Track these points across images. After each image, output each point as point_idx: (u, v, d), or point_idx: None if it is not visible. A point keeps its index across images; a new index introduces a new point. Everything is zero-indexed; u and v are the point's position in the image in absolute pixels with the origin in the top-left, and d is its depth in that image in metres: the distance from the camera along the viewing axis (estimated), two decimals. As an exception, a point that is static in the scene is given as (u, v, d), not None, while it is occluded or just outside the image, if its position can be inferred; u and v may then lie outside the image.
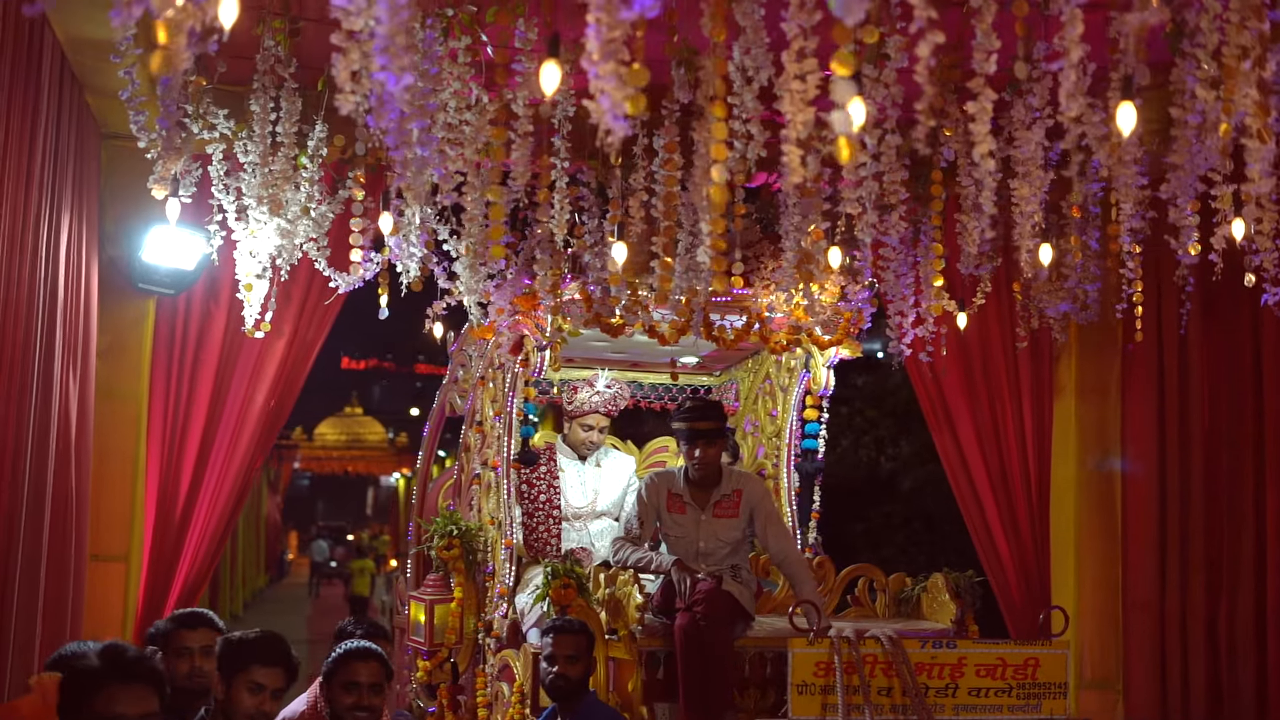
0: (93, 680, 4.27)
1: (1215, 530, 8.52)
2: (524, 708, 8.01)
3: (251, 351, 8.76)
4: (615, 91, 4.12)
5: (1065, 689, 6.87)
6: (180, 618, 6.48)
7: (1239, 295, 8.14)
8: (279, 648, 5.56)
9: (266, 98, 6.74)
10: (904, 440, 19.51)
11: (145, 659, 4.40)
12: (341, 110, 4.58)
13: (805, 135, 4.79)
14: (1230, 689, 8.30)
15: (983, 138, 4.86)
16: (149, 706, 4.31)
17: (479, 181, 6.29)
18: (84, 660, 4.39)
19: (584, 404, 9.24)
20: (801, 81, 4.79)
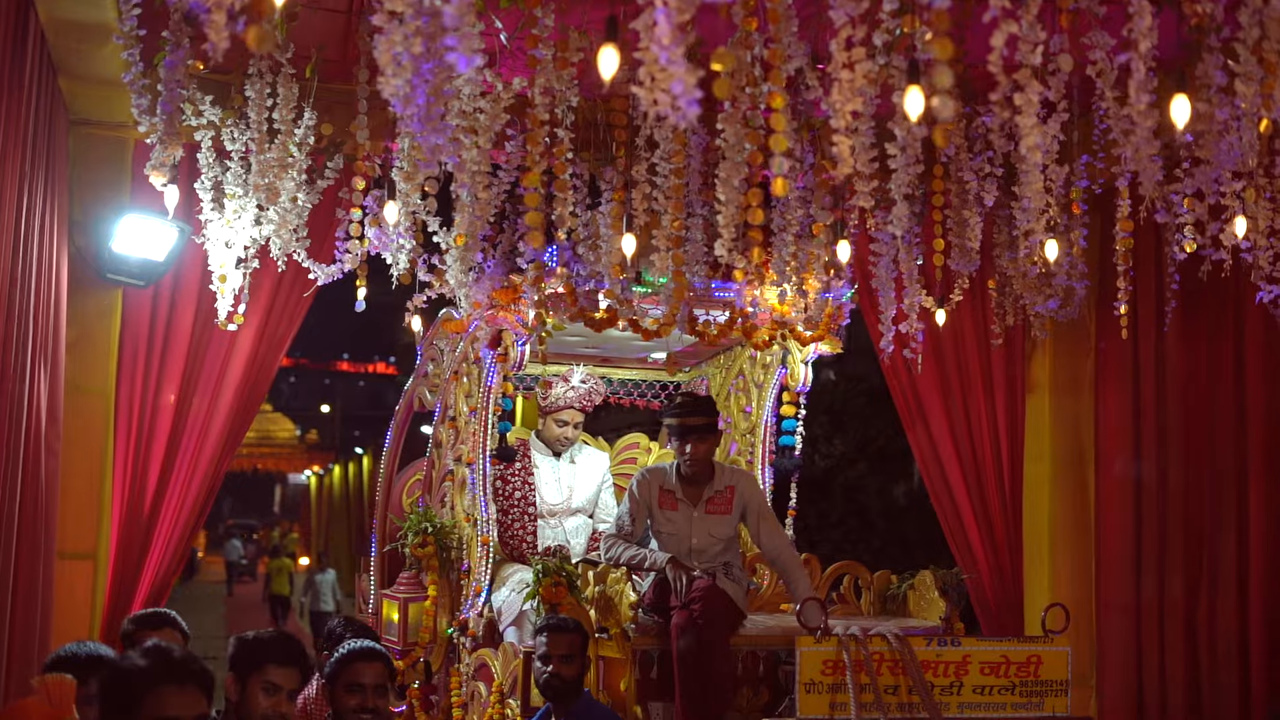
0: (143, 682, 4.11)
1: (1195, 527, 8.55)
2: (503, 707, 7.91)
3: (221, 345, 8.56)
4: (687, 76, 4.03)
5: (1067, 686, 6.85)
6: (143, 619, 6.30)
7: (1222, 292, 8.21)
8: (294, 647, 5.42)
9: (262, 83, 6.56)
10: (837, 438, 19.54)
11: (193, 659, 4.25)
12: (383, 93, 4.46)
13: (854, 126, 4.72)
14: (1211, 688, 8.32)
15: (1030, 130, 4.79)
16: (200, 709, 4.17)
17: (479, 171, 6.13)
18: (131, 662, 4.24)
19: (559, 399, 9.12)
20: (850, 70, 4.73)
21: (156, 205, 8.04)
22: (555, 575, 7.48)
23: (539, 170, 5.74)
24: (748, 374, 9.41)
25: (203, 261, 8.02)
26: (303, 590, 27.31)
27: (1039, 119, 6.20)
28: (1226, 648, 8.23)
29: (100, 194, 8.20)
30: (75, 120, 8.13)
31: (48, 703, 4.69)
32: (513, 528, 8.86)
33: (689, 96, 4.03)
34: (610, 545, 7.65)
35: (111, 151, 8.25)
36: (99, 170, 8.21)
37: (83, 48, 7.03)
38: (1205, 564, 8.48)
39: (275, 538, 43.36)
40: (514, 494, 8.92)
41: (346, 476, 37.12)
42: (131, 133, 8.11)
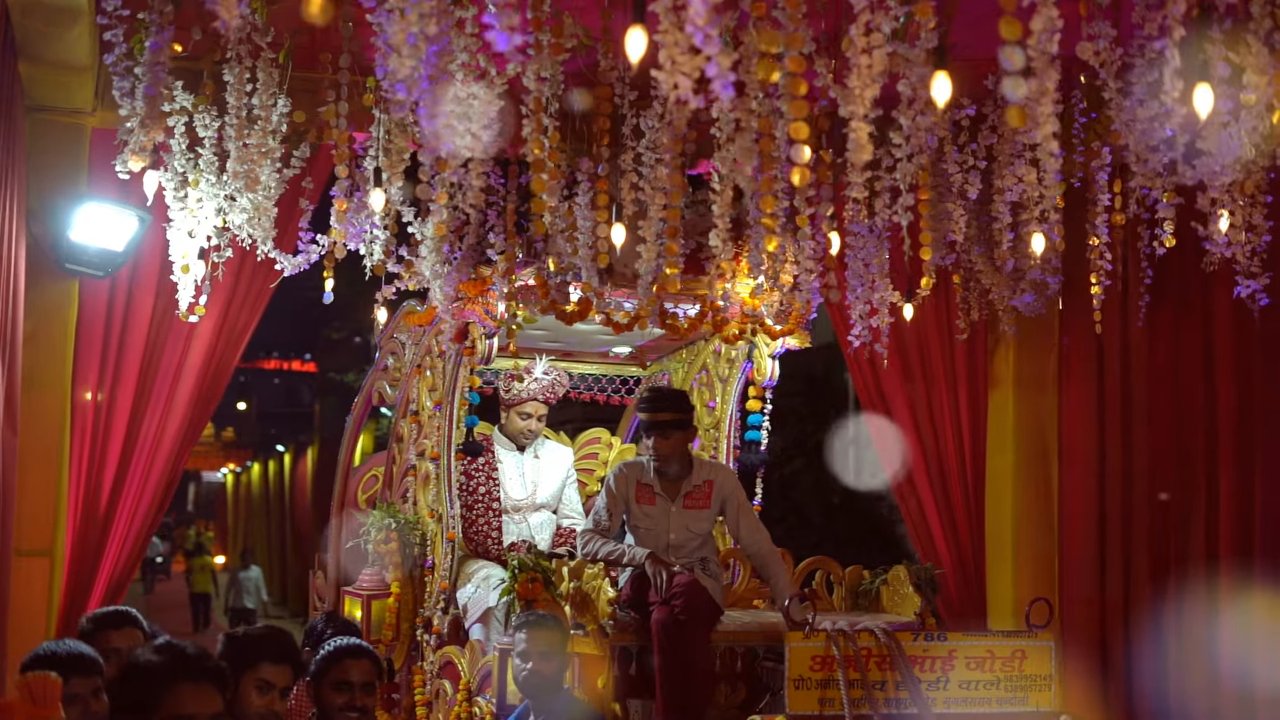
0: (160, 679, 3.98)
1: (1161, 524, 8.55)
2: (471, 705, 7.81)
3: (180, 338, 8.35)
4: (721, 58, 3.95)
5: (1050, 681, 6.82)
6: (104, 618, 6.09)
7: (1189, 288, 8.23)
8: (287, 644, 5.30)
9: (241, 68, 6.41)
10: (774, 435, 19.55)
11: (209, 656, 4.12)
12: (399, 74, 4.35)
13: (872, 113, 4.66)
14: (1178, 685, 8.33)
15: (1046, 119, 4.74)
16: (216, 706, 4.05)
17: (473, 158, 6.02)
18: (146, 659, 4.10)
19: (522, 392, 9.00)
20: (868, 56, 4.66)
21: (114, 193, 7.85)
22: (531, 571, 7.37)
23: (542, 151, 5.64)
24: (712, 369, 9.36)
25: (161, 252, 7.83)
26: (227, 588, 27.05)
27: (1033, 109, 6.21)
28: (1194, 644, 8.23)
29: (57, 182, 7.97)
30: (31, 106, 7.89)
31: (30, 701, 4.53)
32: (477, 523, 8.74)
33: (724, 79, 3.96)
34: (587, 541, 7.55)
35: (68, 138, 8.02)
36: (55, 157, 7.97)
37: (50, 30, 6.84)
38: (1173, 560, 8.48)
39: (191, 536, 42.87)
40: (478, 489, 8.80)
41: (267, 474, 36.74)
42: (89, 119, 7.94)
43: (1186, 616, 8.30)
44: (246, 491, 42.77)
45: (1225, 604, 8.07)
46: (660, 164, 6.49)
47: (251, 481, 41.23)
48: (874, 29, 4.60)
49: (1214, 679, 8.10)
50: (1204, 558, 8.25)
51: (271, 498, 34.79)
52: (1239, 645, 7.96)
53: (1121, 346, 8.81)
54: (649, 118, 6.63)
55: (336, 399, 31.06)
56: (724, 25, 3.95)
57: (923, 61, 5.54)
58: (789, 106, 4.49)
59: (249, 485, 42.22)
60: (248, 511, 41.30)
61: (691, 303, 8.19)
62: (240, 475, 46.80)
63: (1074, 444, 9.21)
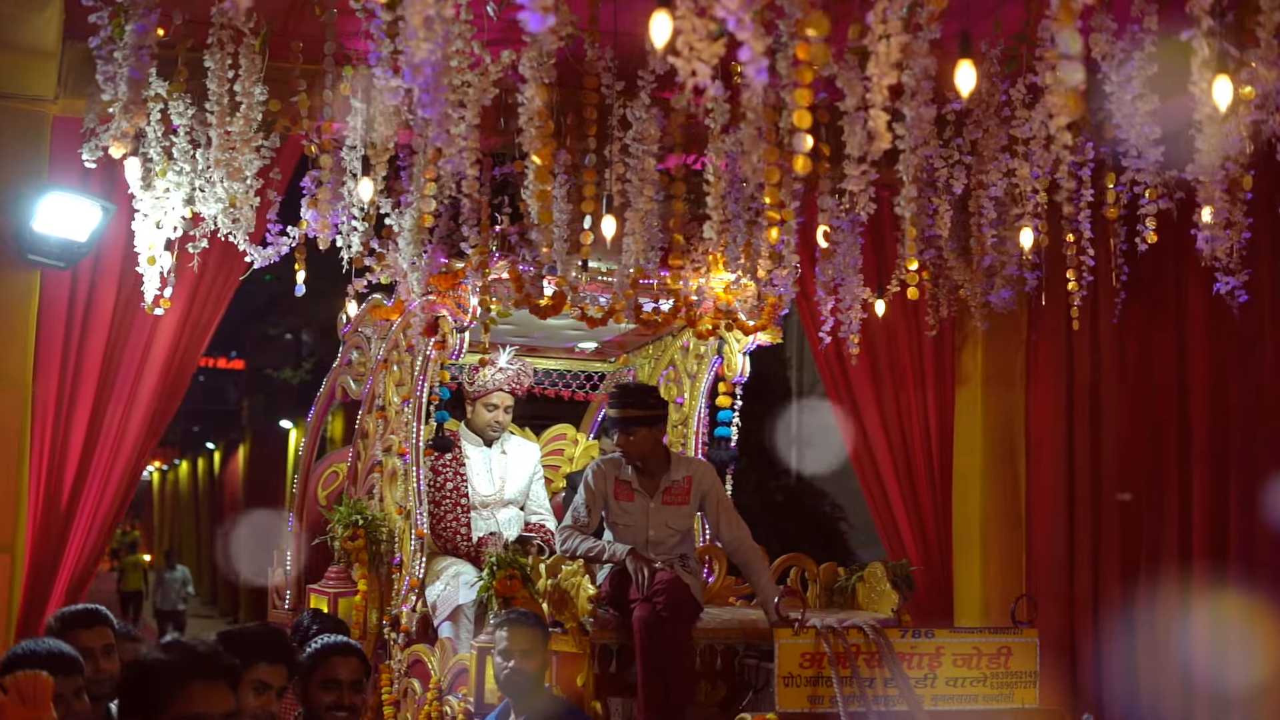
0: (172, 679, 3.85)
1: (1133, 520, 8.57)
2: (442, 704, 7.71)
3: (143, 330, 8.20)
4: (755, 44, 3.88)
5: (1035, 678, 6.81)
6: (73, 617, 5.84)
7: (1162, 285, 8.25)
8: (282, 643, 5.18)
9: (223, 54, 6.28)
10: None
11: (221, 653, 3.99)
12: (415, 58, 4.25)
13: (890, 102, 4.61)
14: (1148, 681, 8.34)
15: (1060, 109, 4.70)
16: (230, 705, 3.93)
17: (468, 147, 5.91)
18: (156, 657, 3.97)
19: (487, 383, 8.85)
20: (886, 42, 4.60)
21: (77, 183, 7.70)
22: (509, 568, 7.27)
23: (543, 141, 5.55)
24: (679, 365, 9.28)
25: (125, 243, 7.68)
26: (153, 589, 26.71)
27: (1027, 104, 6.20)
28: (1164, 641, 8.25)
29: (18, 171, 7.77)
30: (-10, 93, 7.73)
31: (21, 702, 4.40)
32: (445, 519, 8.60)
33: (756, 64, 3.89)
34: (566, 537, 7.45)
35: (30, 126, 7.82)
36: (16, 146, 7.78)
37: (19, 13, 6.69)
38: (1144, 556, 8.49)
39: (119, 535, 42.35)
40: (445, 485, 8.66)
41: (196, 472, 36.35)
42: (50, 107, 7.76)
43: (1157, 613, 8.32)
44: (174, 490, 42.31)
45: (1196, 601, 8.10)
46: (648, 155, 6.42)
47: (179, 479, 40.79)
48: (890, 17, 4.52)
49: (1184, 676, 8.12)
50: (1176, 555, 8.27)
51: (201, 496, 34.43)
52: (1209, 642, 7.99)
53: (1091, 344, 8.82)
54: (635, 108, 6.54)
55: (264, 396, 30.81)
56: (755, 9, 3.83)
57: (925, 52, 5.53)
58: (795, 95, 4.43)
59: (176, 483, 41.77)
60: (174, 510, 40.88)
61: (666, 297, 8.12)
62: (167, 473, 46.27)
63: (1042, 441, 9.23)
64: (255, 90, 6.58)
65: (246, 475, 30.17)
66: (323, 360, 26.23)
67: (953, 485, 9.48)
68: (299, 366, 27.28)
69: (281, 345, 30.34)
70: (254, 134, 6.67)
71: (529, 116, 5.70)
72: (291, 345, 30.03)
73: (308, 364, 26.89)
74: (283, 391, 29.00)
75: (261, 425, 29.99)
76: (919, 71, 5.49)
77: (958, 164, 7.02)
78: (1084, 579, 8.84)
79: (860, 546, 19.21)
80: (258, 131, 6.74)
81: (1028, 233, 7.12)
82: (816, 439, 20.89)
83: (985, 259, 7.78)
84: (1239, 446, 7.91)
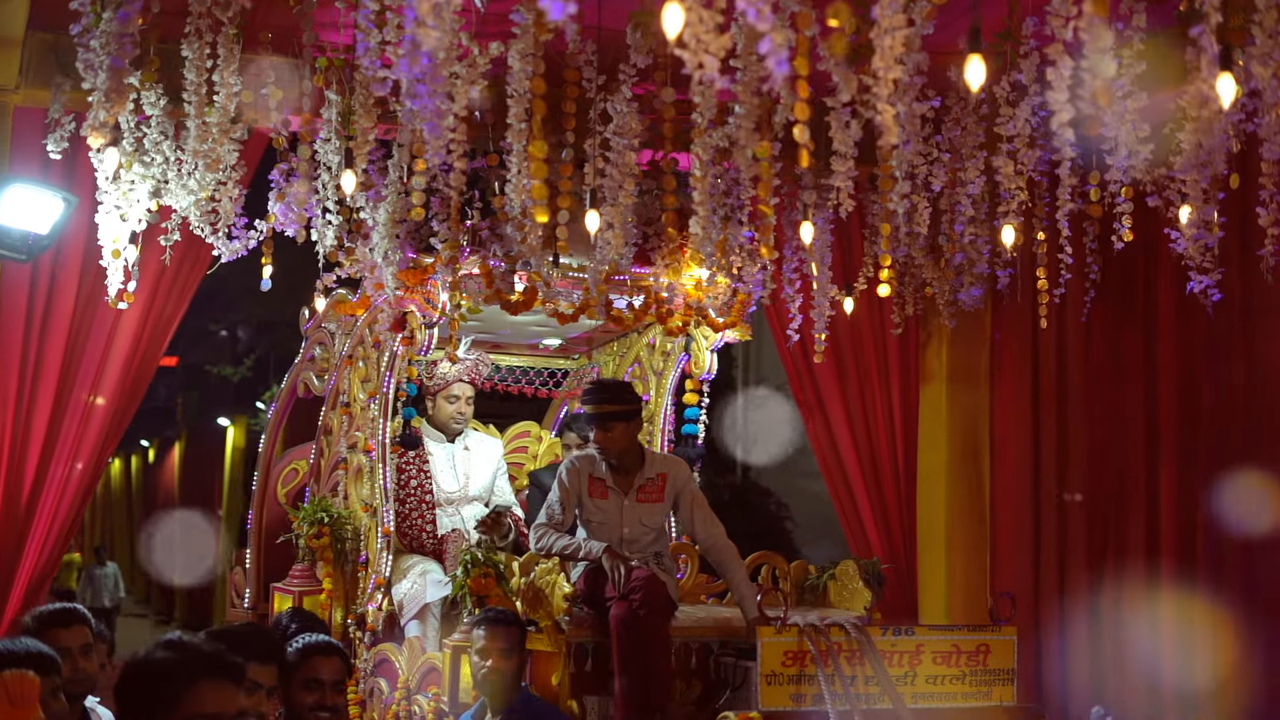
0: (179, 678, 3.76)
1: (1099, 518, 8.59)
2: (410, 704, 7.63)
3: (105, 325, 8.08)
4: (776, 35, 3.83)
5: (1013, 675, 6.82)
6: (51, 616, 5.70)
7: (1130, 283, 8.28)
8: (271, 642, 5.10)
9: (201, 44, 6.17)
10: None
11: (226, 652, 3.90)
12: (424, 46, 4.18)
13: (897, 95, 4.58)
14: (1114, 677, 8.37)
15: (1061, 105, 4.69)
16: (239, 704, 3.84)
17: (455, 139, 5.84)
18: (160, 656, 3.87)
19: (446, 375, 8.75)
20: (892, 36, 4.57)
21: (37, 174, 7.57)
22: (484, 566, 7.21)
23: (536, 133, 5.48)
24: (645, 362, 9.23)
25: (87, 235, 7.55)
26: (83, 585, 26.33)
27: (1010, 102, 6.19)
28: (1134, 637, 8.27)
29: (-24, 161, 7.66)
30: (-54, 82, 7.59)
31: (8, 702, 4.30)
32: (410, 517, 8.52)
33: (778, 56, 3.85)
34: (541, 535, 7.37)
35: (-12, 114, 7.72)
36: (-24, 136, 7.68)
37: (-12, 0, 6.55)
38: (1110, 555, 8.52)
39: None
40: (409, 482, 8.58)
41: (129, 469, 35.93)
42: (12, 97, 7.63)
43: (1123, 611, 8.35)
44: (105, 486, 41.79)
45: (1162, 599, 8.13)
46: (628, 150, 6.38)
47: (111, 477, 40.30)
48: (893, 11, 4.49)
49: (1150, 673, 8.15)
50: (1143, 553, 8.30)
51: (134, 493, 34.04)
52: (1175, 640, 8.03)
53: (1057, 342, 8.85)
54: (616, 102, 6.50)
55: (199, 393, 30.51)
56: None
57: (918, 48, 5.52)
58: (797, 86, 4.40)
59: (108, 480, 41.25)
60: (105, 507, 40.35)
61: (636, 294, 8.07)
62: (98, 470, 45.57)
63: (1006, 438, 9.25)
64: (232, 81, 6.48)
65: (181, 473, 29.86)
66: (263, 357, 26.02)
67: (917, 483, 9.48)
68: (240, 363, 27.02)
69: (217, 342, 30.05)
70: (231, 125, 6.56)
71: (519, 109, 5.63)
72: (227, 342, 29.73)
73: (249, 361, 26.65)
74: (219, 388, 28.74)
75: (197, 423, 29.68)
76: (911, 68, 5.47)
77: (935, 161, 7.00)
78: (1049, 577, 8.86)
79: (805, 544, 19.30)
80: (233, 123, 6.64)
81: (1009, 230, 7.12)
82: (762, 436, 20.95)
83: (956, 256, 7.78)
84: (1207, 445, 7.95)
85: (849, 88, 4.92)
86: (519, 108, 5.73)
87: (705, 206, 5.87)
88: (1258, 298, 7.54)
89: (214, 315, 25.61)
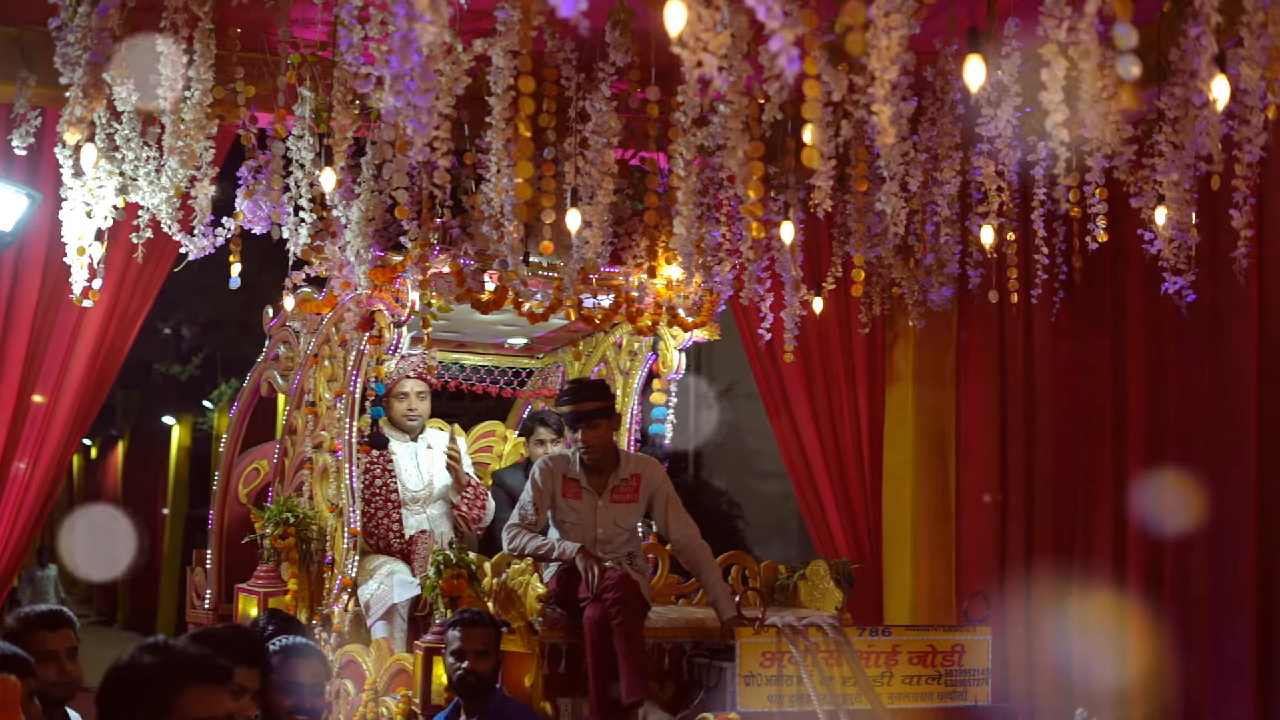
0: (169, 683, 3.69)
1: (1065, 517, 8.62)
2: (378, 706, 7.58)
3: (68, 323, 7.98)
4: (787, 32, 3.81)
5: (988, 675, 6.84)
6: (38, 618, 5.57)
7: (1100, 284, 8.31)
8: (255, 645, 5.03)
9: (178, 39, 6.09)
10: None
11: (213, 656, 3.83)
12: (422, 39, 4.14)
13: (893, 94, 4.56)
14: (1082, 678, 8.39)
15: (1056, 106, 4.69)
16: (229, 707, 3.78)
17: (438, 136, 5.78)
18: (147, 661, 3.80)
19: (393, 373, 8.66)
20: (888, 36, 4.56)
21: (0, 170, 7.46)
22: (457, 567, 7.15)
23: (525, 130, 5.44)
24: (612, 361, 9.21)
25: (50, 232, 7.45)
26: (23, 587, 26.00)
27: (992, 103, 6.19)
28: (1098, 637, 8.30)
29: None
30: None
31: (-13, 705, 4.25)
32: (376, 516, 8.46)
33: (790, 55, 3.82)
34: (514, 535, 7.33)
35: (-49, 108, 7.60)
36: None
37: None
38: (1077, 553, 8.55)
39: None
40: (374, 482, 8.51)
41: (70, 468, 35.49)
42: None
43: (1090, 611, 8.37)
44: (45, 486, 41.32)
45: (1130, 599, 8.16)
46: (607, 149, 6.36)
47: (50, 476, 39.83)
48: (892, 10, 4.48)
49: (1118, 672, 8.18)
50: (1110, 553, 8.32)
51: (76, 492, 33.63)
52: (1143, 639, 8.06)
53: (1024, 342, 8.87)
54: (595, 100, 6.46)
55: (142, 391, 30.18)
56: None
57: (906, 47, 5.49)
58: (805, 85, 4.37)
59: (48, 480, 40.80)
60: (47, 507, 39.90)
61: (606, 293, 8.04)
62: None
63: (972, 439, 9.27)
64: (208, 76, 6.41)
65: (125, 472, 29.54)
66: (211, 356, 25.78)
67: (883, 483, 9.49)
68: (188, 362, 26.77)
69: (161, 340, 29.74)
70: (207, 121, 6.49)
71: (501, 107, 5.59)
72: (171, 340, 29.42)
73: (197, 360, 26.41)
74: (162, 387, 28.43)
75: (140, 421, 29.35)
76: (899, 66, 5.45)
77: (910, 161, 7.00)
78: (1015, 577, 8.87)
79: (757, 544, 19.32)
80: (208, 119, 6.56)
81: (988, 230, 7.14)
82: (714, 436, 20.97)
83: (927, 257, 7.79)
84: (1176, 446, 7.98)
85: (839, 88, 4.91)
86: (501, 105, 5.68)
87: (689, 206, 5.84)
88: (1226, 299, 7.58)
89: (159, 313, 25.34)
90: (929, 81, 7.10)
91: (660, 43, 6.14)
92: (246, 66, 7.04)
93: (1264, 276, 7.44)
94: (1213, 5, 4.63)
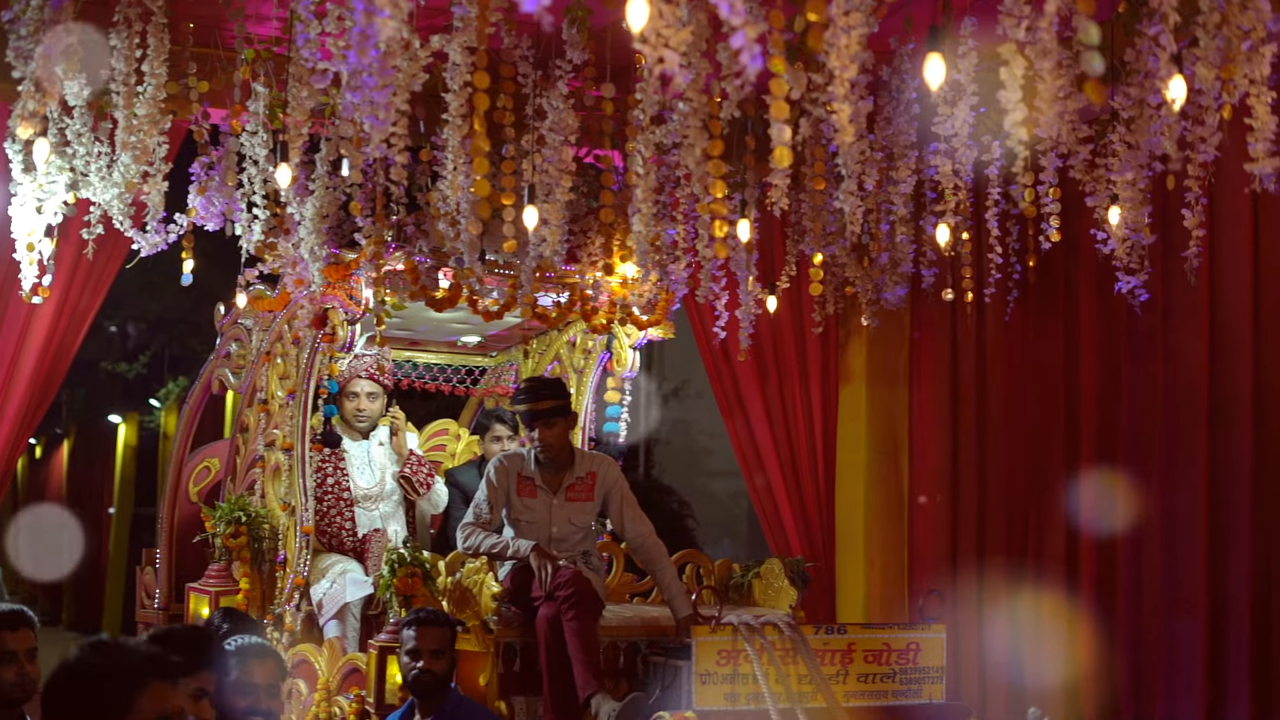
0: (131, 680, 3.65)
1: (1017, 516, 8.66)
2: (330, 705, 7.54)
3: (17, 319, 7.89)
4: (749, 29, 3.80)
5: (942, 673, 6.86)
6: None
7: (1051, 284, 8.35)
8: (210, 647, 4.98)
9: (130, 33, 6.04)
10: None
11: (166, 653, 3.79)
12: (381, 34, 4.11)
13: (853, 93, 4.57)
14: (1034, 676, 8.43)
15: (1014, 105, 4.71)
16: (184, 704, 3.75)
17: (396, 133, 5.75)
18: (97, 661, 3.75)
19: (345, 372, 8.61)
20: (848, 35, 4.56)
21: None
22: (410, 565, 7.12)
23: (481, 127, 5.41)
24: (565, 360, 9.19)
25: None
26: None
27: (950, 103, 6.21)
28: (1050, 635, 8.34)
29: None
30: None
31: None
32: (329, 515, 8.40)
33: (751, 51, 3.82)
34: (469, 534, 7.30)
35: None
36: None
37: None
38: (1029, 551, 8.59)
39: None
40: (326, 480, 8.46)
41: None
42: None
43: (1042, 609, 8.42)
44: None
45: (1081, 597, 8.21)
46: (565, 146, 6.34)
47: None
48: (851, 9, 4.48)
49: (1070, 670, 8.23)
50: (1062, 551, 8.37)
51: (20, 492, 33.30)
52: (1095, 637, 8.11)
53: (977, 342, 8.90)
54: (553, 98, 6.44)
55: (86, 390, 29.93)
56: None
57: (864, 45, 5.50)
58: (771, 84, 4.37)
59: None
60: (-12, 506, 39.56)
61: (561, 291, 8.03)
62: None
63: (925, 439, 9.30)
64: (161, 71, 6.35)
65: (70, 471, 29.27)
66: (158, 354, 25.57)
67: (836, 482, 9.51)
68: (134, 360, 26.56)
69: (106, 337, 29.51)
70: (161, 117, 6.43)
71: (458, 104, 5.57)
72: (116, 338, 29.18)
73: (144, 357, 26.20)
74: (107, 385, 28.22)
75: (86, 420, 29.10)
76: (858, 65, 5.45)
77: (866, 160, 7.00)
78: (967, 575, 8.90)
79: (707, 543, 19.36)
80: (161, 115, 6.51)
81: (944, 229, 7.16)
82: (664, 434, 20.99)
83: (882, 255, 7.81)
84: (1127, 445, 8.03)
85: (799, 86, 4.91)
86: (458, 102, 5.65)
87: (647, 204, 5.84)
88: (1178, 299, 7.63)
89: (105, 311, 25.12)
90: (885, 81, 7.12)
91: (616, 40, 6.17)
92: (200, 62, 7.01)
93: (1215, 276, 7.50)
94: (1170, 5, 4.65)
